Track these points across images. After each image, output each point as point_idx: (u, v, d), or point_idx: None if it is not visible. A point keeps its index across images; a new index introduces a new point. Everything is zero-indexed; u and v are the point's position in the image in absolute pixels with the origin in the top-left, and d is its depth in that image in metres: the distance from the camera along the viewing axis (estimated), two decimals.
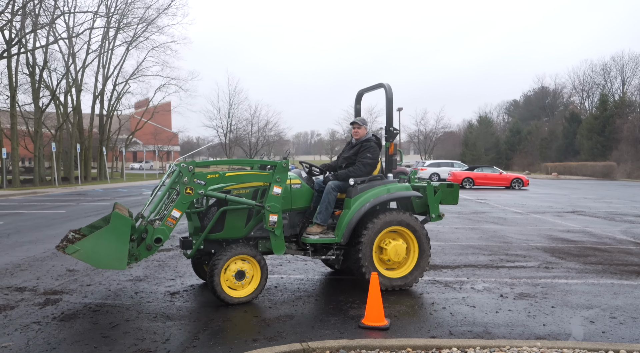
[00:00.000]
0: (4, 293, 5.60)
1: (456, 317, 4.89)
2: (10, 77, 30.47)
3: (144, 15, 37.56)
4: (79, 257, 4.70)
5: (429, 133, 68.46)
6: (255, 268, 5.20)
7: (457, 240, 9.56)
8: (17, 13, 27.42)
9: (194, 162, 5.19)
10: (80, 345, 4.08)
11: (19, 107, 32.67)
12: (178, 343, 4.13)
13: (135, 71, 40.84)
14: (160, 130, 65.90)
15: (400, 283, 5.69)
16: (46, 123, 37.49)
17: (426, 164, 37.14)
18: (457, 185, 6.44)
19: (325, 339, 4.23)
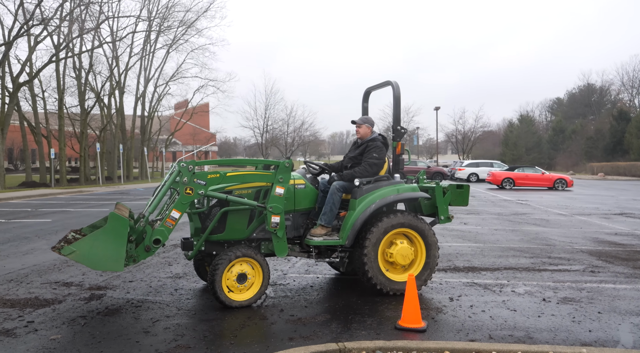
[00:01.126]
0: (52, 288, 5.85)
1: (496, 320, 4.76)
2: (59, 81, 31.87)
3: (183, 18, 38.54)
4: (75, 258, 4.59)
5: (467, 132, 67.05)
6: (257, 270, 5.07)
7: (497, 242, 9.32)
8: (65, 19, 28.63)
9: (194, 161, 5.06)
10: (123, 339, 4.21)
11: (66, 109, 34.12)
12: (216, 339, 4.20)
13: (175, 73, 41.95)
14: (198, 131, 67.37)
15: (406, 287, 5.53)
16: (91, 124, 38.99)
17: (464, 164, 36.44)
18: (468, 186, 6.20)
19: (361, 340, 4.20)
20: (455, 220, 12.57)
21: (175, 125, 47.05)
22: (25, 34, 26.66)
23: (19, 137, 38.63)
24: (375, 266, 5.36)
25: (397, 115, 5.87)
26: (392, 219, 5.45)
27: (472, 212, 14.80)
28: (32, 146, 38.25)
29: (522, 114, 73.34)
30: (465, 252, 8.25)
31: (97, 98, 35.80)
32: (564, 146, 62.99)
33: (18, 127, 34.56)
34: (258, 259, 5.06)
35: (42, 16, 26.61)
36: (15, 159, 54.28)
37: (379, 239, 5.39)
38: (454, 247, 8.70)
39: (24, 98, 33.62)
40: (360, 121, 5.88)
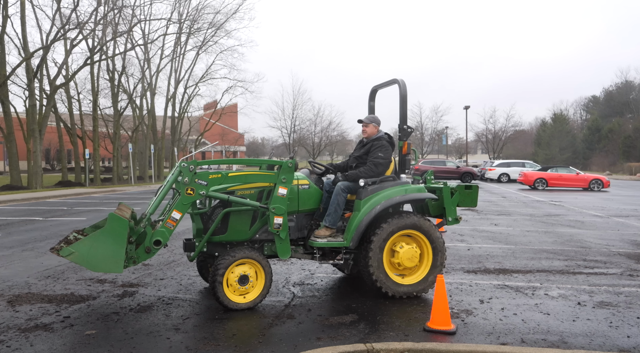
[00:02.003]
0: (87, 285, 6.02)
1: (528, 324, 4.64)
2: (93, 83, 32.82)
3: (213, 20, 39.05)
4: (74, 259, 4.52)
5: (497, 132, 65.77)
6: (259, 272, 4.99)
7: (529, 244, 9.09)
8: (99, 23, 29.46)
9: (195, 161, 5.00)
10: (155, 335, 4.30)
11: (100, 111, 35.09)
12: (245, 338, 4.24)
13: (205, 74, 42.53)
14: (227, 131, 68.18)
15: (413, 289, 5.36)
16: (124, 125, 39.97)
17: (495, 164, 35.72)
18: (477, 186, 6.02)
19: (390, 341, 4.16)
20: (486, 221, 12.35)
21: (204, 126, 47.77)
22: (61, 37, 27.54)
23: (55, 138, 39.92)
24: (380, 268, 5.24)
25: (403, 114, 5.70)
26: (398, 221, 5.32)
27: (503, 213, 14.50)
28: (67, 147, 39.46)
29: (556, 112, 71.43)
30: (496, 254, 8.09)
31: (130, 99, 36.69)
32: (599, 145, 61.02)
33: (55, 128, 35.78)
34: (260, 261, 4.96)
35: (78, 20, 27.46)
36: (52, 159, 56.12)
37: (384, 241, 5.27)
38: (484, 249, 8.54)
39: (61, 100, 34.77)
40: (367, 120, 5.76)
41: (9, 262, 7.23)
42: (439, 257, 5.47)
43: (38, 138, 25.94)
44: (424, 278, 5.42)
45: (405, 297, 5.34)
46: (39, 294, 5.57)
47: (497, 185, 30.33)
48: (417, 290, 5.38)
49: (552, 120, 69.50)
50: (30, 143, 25.71)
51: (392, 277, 5.34)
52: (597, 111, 71.69)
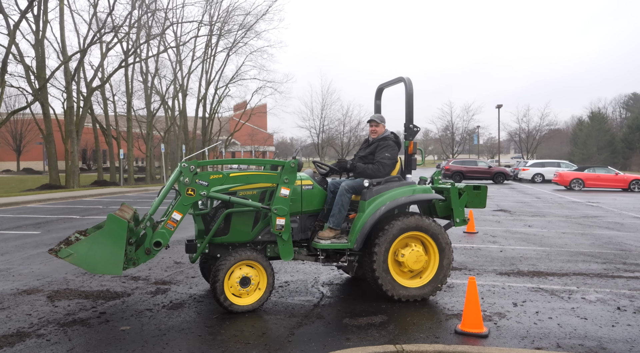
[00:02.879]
0: (121, 282, 6.17)
1: (564, 328, 4.50)
2: (127, 85, 33.72)
3: (243, 21, 39.48)
4: (73, 261, 4.45)
5: (531, 131, 64.13)
6: (261, 274, 4.90)
7: (565, 246, 8.83)
8: (133, 26, 30.22)
9: (195, 161, 4.92)
10: (187, 332, 4.37)
11: (134, 112, 36.02)
12: (274, 337, 4.26)
13: (235, 75, 43.06)
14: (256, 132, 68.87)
15: (419, 293, 5.22)
16: (156, 126, 40.90)
17: (528, 164, 34.84)
18: (485, 187, 5.84)
19: (420, 343, 4.11)
20: (519, 222, 12.06)
21: (234, 126, 48.38)
22: (97, 41, 28.38)
23: (92, 139, 41.22)
24: (385, 271, 5.11)
25: (409, 113, 5.57)
26: (404, 222, 5.18)
27: (537, 214, 14.14)
28: (103, 147, 40.68)
29: (593, 110, 69.18)
30: (530, 256, 7.88)
31: (162, 101, 37.51)
32: None
33: (91, 129, 36.93)
34: (262, 262, 4.88)
35: (113, 24, 28.25)
36: (88, 159, 57.93)
37: (390, 243, 5.14)
38: (517, 250, 8.34)
39: (97, 102, 35.86)
40: (379, 120, 5.64)
41: (48, 259, 7.49)
42: (446, 260, 5.32)
43: (75, 139, 26.79)
44: (431, 281, 5.27)
45: (412, 300, 5.21)
46: (76, 290, 5.74)
47: (530, 186, 29.60)
48: (423, 293, 5.25)
49: (590, 119, 67.31)
50: (68, 144, 26.59)
51: (398, 280, 5.20)
52: (638, 109, 69.01)
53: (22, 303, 5.22)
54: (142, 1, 29.71)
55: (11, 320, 4.69)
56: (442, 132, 71.46)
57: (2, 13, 23.69)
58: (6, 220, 12.61)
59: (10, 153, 51.95)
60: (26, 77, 25.70)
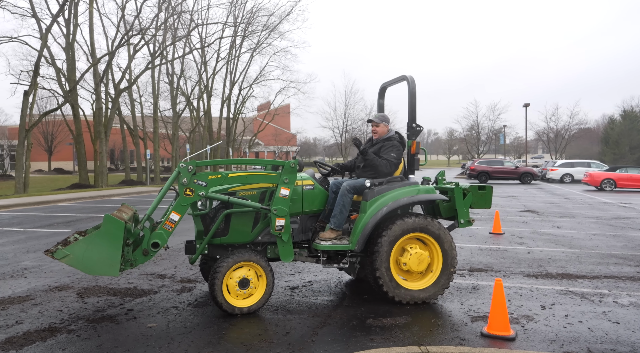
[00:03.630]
0: (148, 279, 6.28)
1: (595, 332, 4.38)
2: (154, 86, 34.36)
3: (267, 22, 39.74)
4: (69, 262, 4.39)
5: (560, 130, 62.67)
6: (260, 276, 4.83)
7: (596, 248, 8.59)
8: (159, 28, 30.75)
9: (194, 161, 4.85)
10: (212, 330, 4.42)
11: (159, 113, 36.65)
12: (298, 336, 4.27)
13: (259, 76, 43.39)
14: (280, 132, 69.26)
15: (423, 295, 5.11)
16: (181, 126, 41.53)
17: (557, 164, 34.02)
18: (491, 187, 5.68)
19: (445, 345, 4.06)
20: (547, 224, 11.81)
21: (258, 126, 48.74)
22: (125, 43, 28.99)
23: (119, 139, 42.12)
24: (387, 273, 5.01)
25: (412, 112, 5.45)
26: (406, 223, 5.08)
27: (567, 215, 13.80)
28: (130, 147, 41.51)
29: (626, 109, 66.95)
30: (559, 258, 7.70)
31: (187, 101, 38.07)
32: None
33: (119, 129, 37.74)
34: (261, 264, 4.81)
35: (140, 26, 28.80)
36: (116, 159, 59.23)
37: (392, 244, 5.04)
38: (545, 252, 8.16)
39: (124, 103, 36.63)
40: (378, 119, 5.53)
41: None
42: (450, 261, 5.21)
43: (104, 139, 27.42)
44: (434, 283, 5.16)
45: (414, 303, 5.11)
46: (105, 287, 5.87)
47: (559, 186, 28.93)
48: (427, 295, 5.14)
49: (622, 117, 65.22)
50: (96, 144, 27.23)
51: (400, 282, 5.10)
52: None
53: (54, 300, 5.36)
54: (169, 3, 30.23)
55: (43, 315, 4.83)
56: (467, 131, 70.53)
57: (35, 17, 24.43)
58: (38, 218, 12.99)
59: (42, 153, 53.52)
60: (57, 79, 26.45)
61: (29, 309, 5.03)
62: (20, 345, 4.05)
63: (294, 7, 40.87)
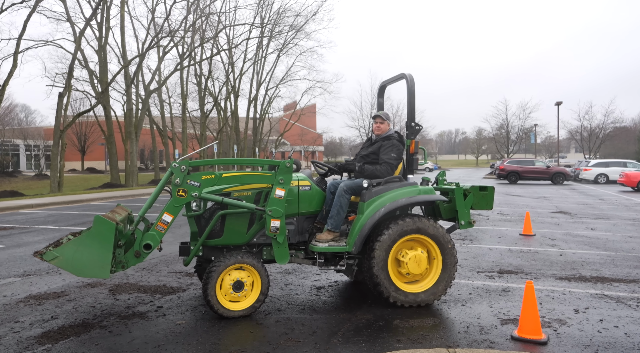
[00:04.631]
0: (177, 277, 6.39)
1: (633, 338, 4.23)
2: (182, 87, 34.93)
3: (293, 22, 39.93)
4: (59, 264, 4.32)
5: (594, 129, 60.76)
6: (255, 278, 4.73)
7: (632, 251, 8.30)
8: (188, 30, 31.27)
9: (187, 161, 4.74)
10: (239, 328, 4.46)
11: (188, 113, 37.24)
12: (324, 336, 4.27)
13: (285, 76, 43.62)
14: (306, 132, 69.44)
15: (422, 298, 5.00)
16: (209, 126, 42.07)
17: (590, 164, 33.01)
18: (492, 188, 5.50)
19: (474, 347, 3.99)
20: (581, 225, 11.48)
21: (284, 126, 49.01)
22: (155, 45, 29.56)
23: (149, 140, 43.00)
24: (385, 276, 4.91)
25: (411, 111, 5.34)
26: (404, 225, 4.96)
27: (601, 216, 13.39)
28: (159, 147, 42.36)
29: None
30: (593, 261, 7.47)
31: (215, 102, 38.56)
32: None
33: (148, 130, 38.54)
34: (256, 266, 4.71)
35: (170, 29, 29.34)
36: (146, 158, 60.44)
37: (390, 246, 4.93)
38: (578, 254, 7.93)
39: (154, 104, 37.38)
40: (385, 117, 5.43)
41: None
42: (449, 263, 5.09)
43: (134, 139, 28.04)
44: (434, 286, 5.05)
45: (416, 306, 5.00)
46: (135, 284, 6.00)
47: (593, 187, 28.09)
48: (426, 298, 5.03)
49: None
50: (127, 144, 27.88)
51: (399, 285, 4.99)
52: None
53: (87, 296, 5.51)
54: (197, 5, 30.68)
55: (77, 311, 4.97)
56: (497, 130, 69.23)
57: (69, 21, 25.17)
58: (72, 216, 13.38)
59: (76, 153, 55.07)
60: (90, 81, 27.20)
61: (64, 305, 5.18)
62: (55, 340, 4.18)
63: (320, 7, 41.17)
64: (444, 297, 5.46)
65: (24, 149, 51.47)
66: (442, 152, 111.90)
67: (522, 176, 31.63)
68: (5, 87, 21.33)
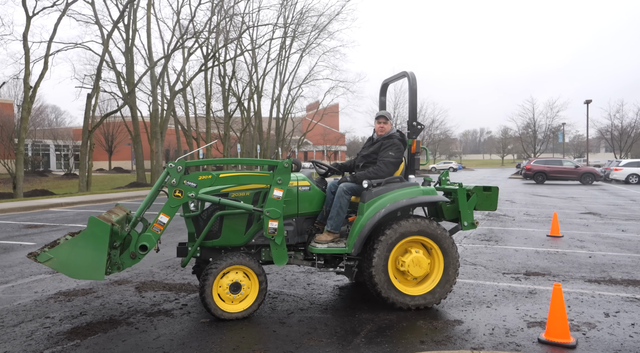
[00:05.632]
0: None
1: None
2: (207, 88, 35.38)
3: (316, 22, 40.00)
4: (53, 266, 4.27)
5: (625, 128, 58.96)
6: (253, 280, 4.67)
7: None
8: (212, 31, 31.64)
9: (183, 161, 4.67)
10: (262, 327, 4.49)
11: (212, 113, 37.68)
12: (347, 336, 4.26)
13: (308, 76, 43.74)
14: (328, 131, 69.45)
15: (422, 301, 4.90)
16: (233, 126, 42.50)
17: (622, 164, 32.07)
18: (497, 188, 5.35)
19: (500, 350, 3.93)
20: (611, 227, 11.17)
21: (307, 126, 49.15)
22: (180, 46, 30.02)
23: (174, 139, 43.66)
24: (385, 278, 4.82)
25: (413, 110, 5.23)
26: (405, 226, 4.86)
27: (633, 217, 13.00)
28: (184, 147, 42.98)
29: None
30: (624, 263, 7.26)
31: (238, 102, 38.93)
32: None
33: (173, 130, 39.15)
34: (254, 268, 4.65)
35: (194, 30, 29.74)
36: (171, 158, 61.44)
37: (390, 248, 4.84)
38: (609, 257, 7.72)
39: (179, 104, 37.96)
40: (388, 117, 5.34)
41: None
42: (452, 265, 4.98)
43: (160, 139, 28.53)
44: (435, 288, 4.95)
45: (415, 308, 4.90)
46: (161, 282, 6.10)
47: (624, 187, 27.30)
48: (427, 301, 4.93)
49: None
50: (153, 144, 28.38)
51: (399, 287, 4.90)
52: None
53: (114, 293, 5.63)
54: (221, 7, 31.02)
55: (105, 308, 5.08)
56: (523, 129, 67.95)
57: (97, 24, 25.77)
58: None
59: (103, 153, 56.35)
60: (117, 82, 27.78)
61: (92, 301, 5.30)
62: (84, 336, 4.28)
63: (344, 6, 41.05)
64: (468, 298, 5.39)
65: (54, 149, 52.92)
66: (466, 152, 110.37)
67: (549, 176, 30.96)
68: (37, 89, 21.96)
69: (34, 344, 4.10)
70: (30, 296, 5.54)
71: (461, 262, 7.21)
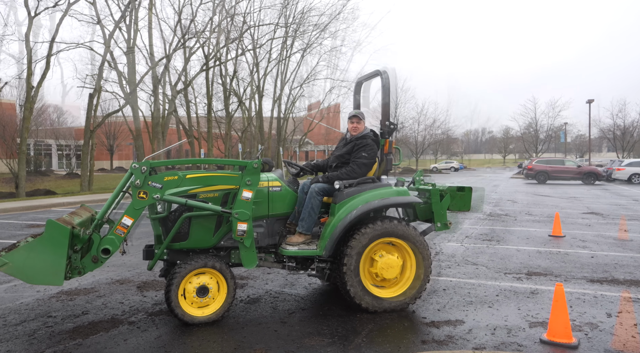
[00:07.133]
0: None
1: None
2: (208, 87, 35.37)
3: (317, 22, 39.97)
4: (8, 271, 4.08)
5: (628, 127, 58.80)
6: (221, 283, 4.58)
7: None
8: (213, 31, 31.66)
9: (148, 162, 4.51)
10: (263, 327, 4.49)
11: (213, 113, 37.69)
12: (349, 336, 4.26)
13: (309, 76, 43.70)
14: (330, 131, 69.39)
15: (395, 303, 4.85)
16: (234, 126, 42.51)
17: (624, 164, 32.02)
18: (470, 188, 5.32)
19: (502, 350, 3.92)
20: (613, 227, 11.15)
21: (308, 126, 49.09)
22: (181, 46, 30.02)
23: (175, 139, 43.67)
24: (357, 280, 4.74)
25: (386, 109, 5.15)
26: (377, 227, 4.79)
27: (635, 217, 12.98)
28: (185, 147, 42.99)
29: None
30: (627, 263, 7.24)
31: (240, 102, 38.93)
32: None
33: (175, 130, 39.16)
34: (222, 271, 4.54)
35: (196, 30, 29.76)
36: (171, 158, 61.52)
37: (361, 250, 4.76)
38: (611, 257, 7.70)
39: (180, 104, 37.86)
40: (362, 116, 5.22)
41: (138, 252, 8.00)
42: (424, 267, 4.95)
43: (161, 139, 28.53)
44: (407, 291, 4.90)
45: (390, 311, 4.85)
46: (162, 282, 6.10)
47: (627, 187, 27.24)
48: (399, 304, 4.88)
49: None
50: (154, 144, 28.38)
51: (371, 290, 4.83)
52: None
53: (116, 292, 5.63)
54: (222, 7, 31.03)
55: (107, 307, 5.08)
56: (525, 129, 67.85)
57: (99, 24, 25.78)
58: None
59: (105, 153, 56.40)
60: (119, 82, 27.76)
61: (94, 301, 5.31)
62: (86, 335, 4.29)
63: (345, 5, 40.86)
64: (470, 298, 5.38)
65: (56, 149, 53.01)
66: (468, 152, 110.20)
67: (551, 176, 30.92)
68: (39, 89, 21.98)
69: (36, 343, 4.10)
70: (32, 295, 5.55)
71: (463, 261, 7.21)
